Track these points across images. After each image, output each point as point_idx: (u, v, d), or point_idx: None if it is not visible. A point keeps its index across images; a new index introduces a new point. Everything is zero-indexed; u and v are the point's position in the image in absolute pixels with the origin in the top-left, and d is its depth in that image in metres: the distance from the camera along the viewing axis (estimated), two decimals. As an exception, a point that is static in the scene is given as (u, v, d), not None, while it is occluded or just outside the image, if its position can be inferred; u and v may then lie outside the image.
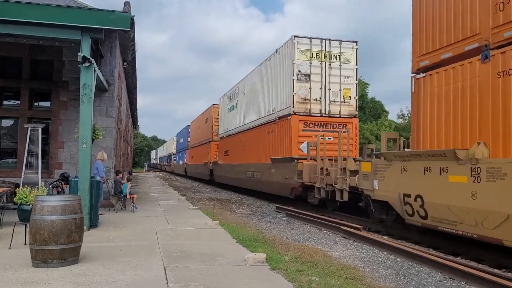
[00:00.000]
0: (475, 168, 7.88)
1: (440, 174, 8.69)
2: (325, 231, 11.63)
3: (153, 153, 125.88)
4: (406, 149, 12.25)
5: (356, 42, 18.55)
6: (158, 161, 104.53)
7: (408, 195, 9.65)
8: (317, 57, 17.95)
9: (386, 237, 10.58)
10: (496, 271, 7.30)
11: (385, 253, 8.79)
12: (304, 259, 7.46)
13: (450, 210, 8.43)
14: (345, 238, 10.57)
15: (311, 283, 5.89)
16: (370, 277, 6.71)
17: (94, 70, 9.97)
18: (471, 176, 7.94)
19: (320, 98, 17.78)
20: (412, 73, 10.47)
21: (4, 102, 14.40)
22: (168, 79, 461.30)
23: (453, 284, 6.69)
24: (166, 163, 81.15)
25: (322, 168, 14.90)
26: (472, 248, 8.68)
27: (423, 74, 10.05)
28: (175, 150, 66.02)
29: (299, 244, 9.28)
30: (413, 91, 10.39)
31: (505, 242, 7.33)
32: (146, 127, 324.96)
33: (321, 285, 5.86)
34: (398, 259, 8.21)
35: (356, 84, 18.36)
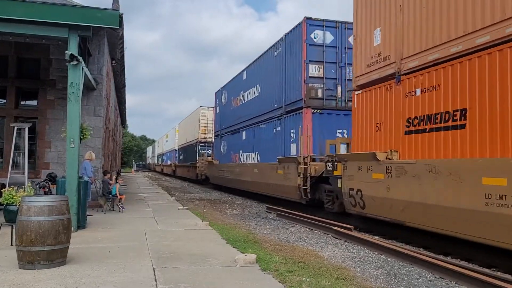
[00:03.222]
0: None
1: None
2: (316, 231, 11.62)
3: (149, 150, 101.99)
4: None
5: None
6: (156, 161, 78.52)
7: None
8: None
9: (377, 237, 10.59)
10: (486, 270, 7.34)
11: (376, 253, 8.79)
12: (295, 259, 7.42)
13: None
14: (336, 238, 10.56)
15: (302, 283, 5.86)
16: (361, 277, 6.70)
17: (82, 69, 9.84)
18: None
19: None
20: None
21: (-10, 101, 14.17)
22: (159, 78, 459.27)
23: (443, 283, 6.70)
24: (178, 162, 47.87)
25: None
26: (462, 248, 8.72)
27: (360, 91, 11.83)
28: (208, 135, 35.85)
29: (290, 245, 9.25)
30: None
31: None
32: (135, 127, 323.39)
33: (312, 285, 5.82)
34: (389, 259, 8.21)
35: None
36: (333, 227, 11.01)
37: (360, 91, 11.85)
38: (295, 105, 16.08)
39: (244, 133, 22.88)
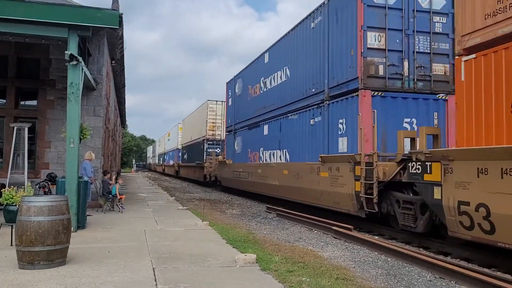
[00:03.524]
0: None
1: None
2: (315, 231, 11.62)
3: (149, 150, 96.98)
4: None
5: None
6: (157, 161, 75.08)
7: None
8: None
9: (377, 237, 10.59)
10: (486, 270, 7.33)
11: (376, 253, 8.79)
12: (295, 259, 7.42)
13: None
14: (336, 238, 10.56)
15: (302, 283, 5.86)
16: (361, 277, 6.70)
17: (82, 69, 9.83)
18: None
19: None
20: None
21: (-10, 101, 14.18)
22: (159, 78, 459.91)
23: (443, 283, 6.70)
24: (181, 162, 44.17)
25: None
26: (462, 248, 8.72)
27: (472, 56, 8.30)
28: (216, 132, 33.03)
29: (290, 245, 9.25)
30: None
31: None
32: (135, 127, 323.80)
33: (312, 285, 5.83)
34: (388, 259, 8.21)
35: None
36: (333, 227, 11.00)
37: (472, 56, 8.27)
38: (346, 87, 12.47)
39: (266, 126, 19.12)
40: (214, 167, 28.94)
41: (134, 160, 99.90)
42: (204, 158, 31.83)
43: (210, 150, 32.03)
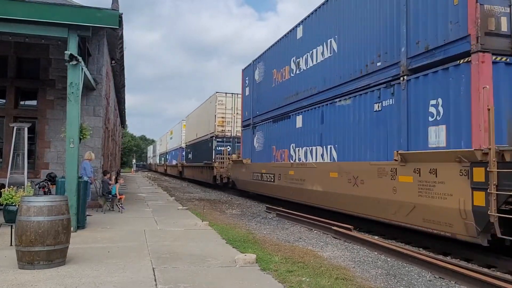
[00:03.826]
0: None
1: None
2: (315, 231, 11.62)
3: (149, 150, 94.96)
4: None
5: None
6: (158, 160, 72.21)
7: None
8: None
9: (376, 237, 10.59)
10: (486, 270, 7.34)
11: (376, 253, 8.79)
12: (295, 259, 7.43)
13: None
14: (335, 238, 10.57)
15: (302, 283, 5.86)
16: (361, 277, 6.70)
17: (82, 69, 9.83)
18: None
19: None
20: None
21: (-11, 101, 14.18)
22: (159, 78, 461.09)
23: (443, 283, 6.70)
24: (186, 162, 40.92)
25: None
26: (462, 248, 8.72)
27: None
28: (226, 128, 29.51)
29: (290, 245, 9.25)
30: None
31: None
32: (135, 127, 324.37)
33: (312, 285, 5.83)
34: (388, 259, 8.21)
35: None
36: (333, 227, 11.00)
37: None
38: (443, 53, 8.70)
39: (299, 117, 15.56)
40: (227, 168, 25.86)
41: (134, 160, 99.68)
42: (213, 157, 28.49)
43: (219, 148, 28.69)
